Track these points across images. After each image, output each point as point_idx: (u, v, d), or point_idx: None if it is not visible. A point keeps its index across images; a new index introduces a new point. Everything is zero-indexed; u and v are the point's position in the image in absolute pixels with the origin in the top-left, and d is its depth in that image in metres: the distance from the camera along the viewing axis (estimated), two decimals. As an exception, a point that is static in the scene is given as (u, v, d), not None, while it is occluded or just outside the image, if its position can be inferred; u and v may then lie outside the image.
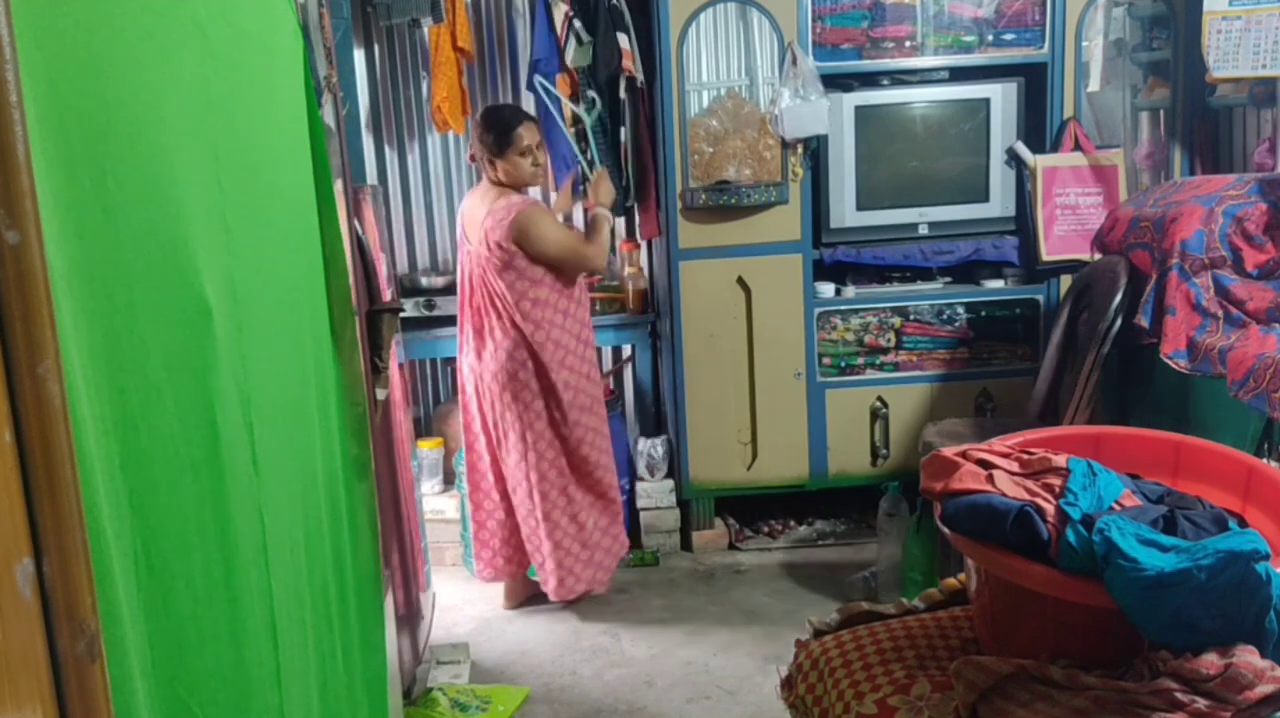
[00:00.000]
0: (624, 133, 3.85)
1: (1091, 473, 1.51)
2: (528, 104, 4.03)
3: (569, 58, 3.77)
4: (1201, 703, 1.29)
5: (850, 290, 3.91)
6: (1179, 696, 1.30)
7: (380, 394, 2.55)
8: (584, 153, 3.85)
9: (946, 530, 1.53)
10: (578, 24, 3.75)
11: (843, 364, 3.92)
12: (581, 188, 3.83)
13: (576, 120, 3.84)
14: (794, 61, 3.66)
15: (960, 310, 3.90)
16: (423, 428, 4.33)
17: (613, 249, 4.34)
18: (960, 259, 3.88)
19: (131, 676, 0.90)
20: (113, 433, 0.93)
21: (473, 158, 3.44)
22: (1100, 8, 3.72)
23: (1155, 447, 1.75)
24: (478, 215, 3.33)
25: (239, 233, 1.33)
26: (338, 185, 2.16)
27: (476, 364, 3.41)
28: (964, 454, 1.59)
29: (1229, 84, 3.48)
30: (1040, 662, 1.43)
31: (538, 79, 3.83)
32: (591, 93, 3.82)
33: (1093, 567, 1.35)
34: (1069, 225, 3.81)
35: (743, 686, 3.04)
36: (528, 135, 3.30)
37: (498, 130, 3.29)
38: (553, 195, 3.99)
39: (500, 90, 4.27)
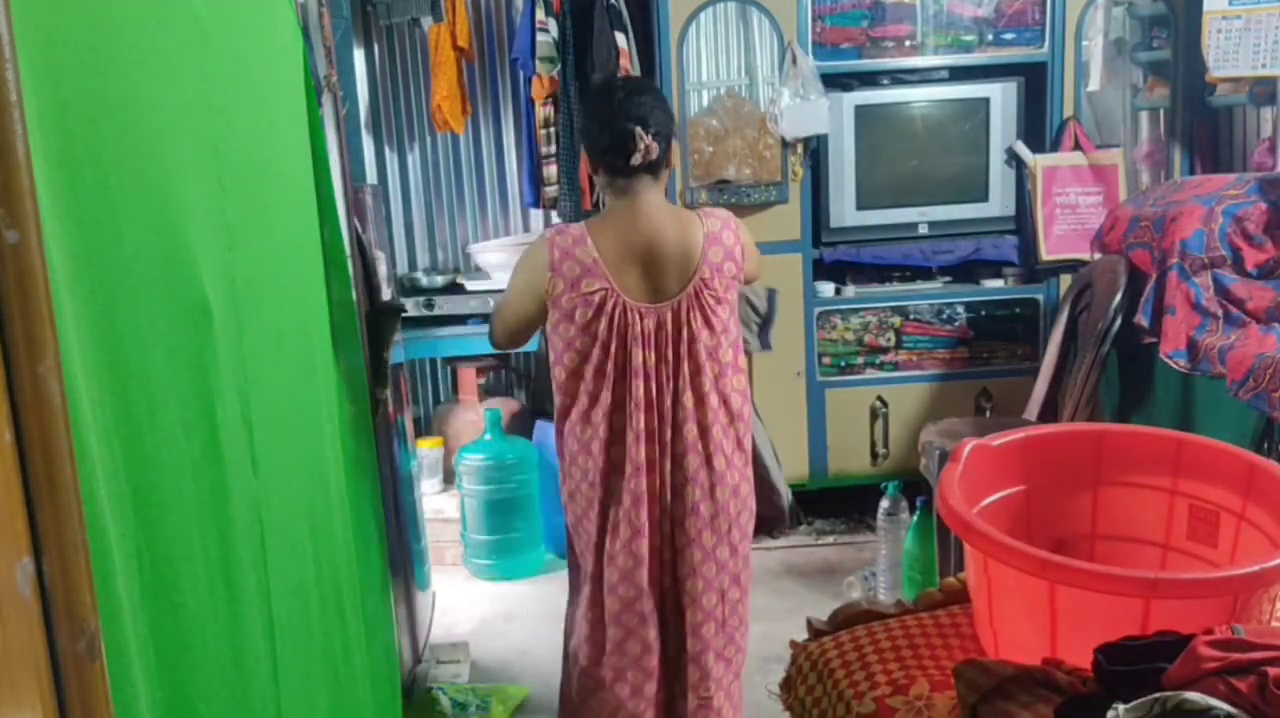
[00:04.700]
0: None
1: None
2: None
3: (536, 63, 3.76)
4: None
5: (850, 290, 3.91)
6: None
7: (380, 394, 2.55)
8: (551, 156, 3.83)
9: None
10: (552, 25, 3.73)
11: (843, 364, 3.92)
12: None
13: (547, 123, 3.83)
14: (794, 61, 3.66)
15: (960, 310, 3.90)
16: (423, 428, 4.33)
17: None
18: (960, 259, 3.88)
19: (132, 674, 0.90)
20: (113, 432, 0.93)
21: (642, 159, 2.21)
22: (1100, 7, 3.72)
23: (1157, 444, 1.75)
24: (689, 235, 2.24)
25: (240, 232, 1.33)
26: (338, 185, 2.16)
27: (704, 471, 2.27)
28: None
29: (1229, 83, 3.48)
30: (1045, 664, 1.42)
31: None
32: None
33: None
34: (1069, 225, 3.81)
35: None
36: None
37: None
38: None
39: (500, 90, 4.27)
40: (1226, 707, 1.20)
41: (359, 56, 4.13)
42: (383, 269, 2.90)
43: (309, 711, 1.53)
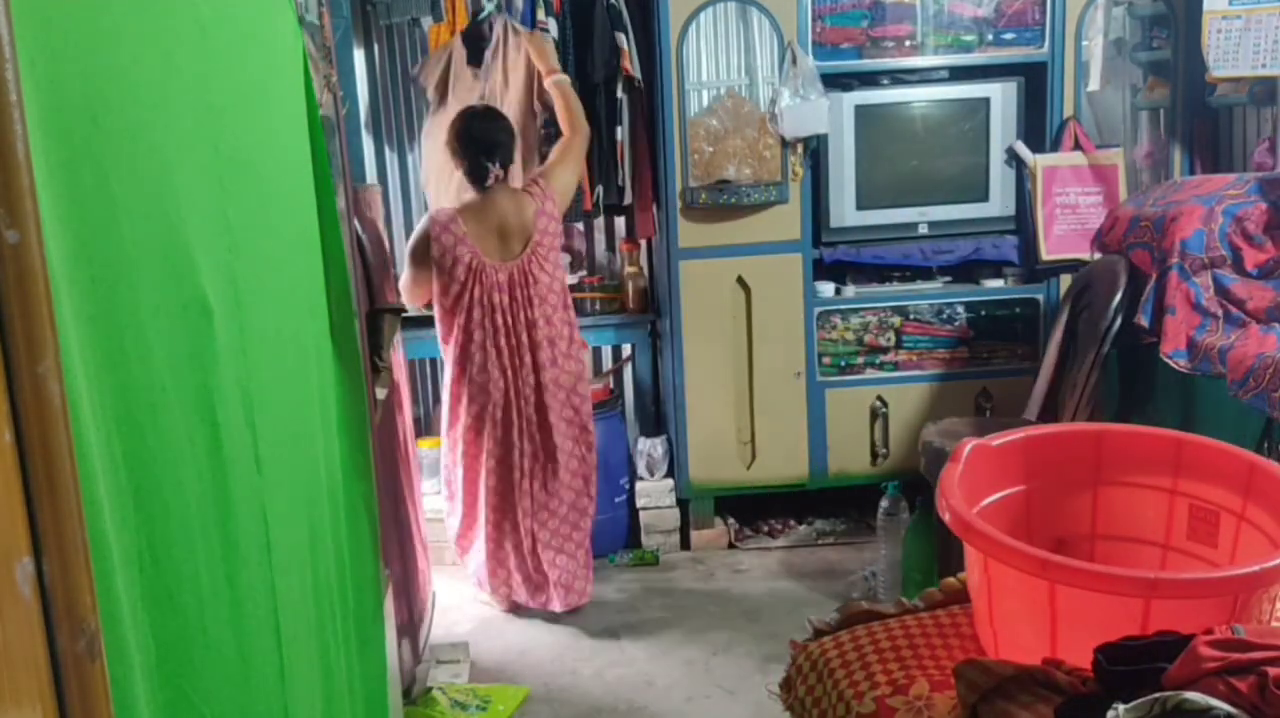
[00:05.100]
0: (620, 133, 3.85)
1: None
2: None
3: None
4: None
5: (850, 290, 3.91)
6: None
7: (380, 394, 2.55)
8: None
9: None
10: (552, 25, 3.74)
11: (843, 363, 3.92)
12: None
13: (547, 123, 3.82)
14: (794, 61, 3.66)
15: (960, 310, 3.90)
16: (423, 428, 4.32)
17: (611, 248, 4.35)
18: (960, 259, 3.88)
19: (132, 674, 0.90)
20: (114, 432, 0.93)
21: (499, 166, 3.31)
22: (1100, 7, 3.72)
23: (1157, 444, 1.75)
24: (522, 238, 3.29)
25: (240, 232, 1.33)
26: (338, 185, 2.16)
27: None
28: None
29: (1229, 83, 3.48)
30: (1045, 664, 1.42)
31: None
32: None
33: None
34: (1069, 225, 3.81)
35: (743, 685, 3.03)
36: None
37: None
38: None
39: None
40: (1226, 707, 1.20)
41: (359, 56, 4.13)
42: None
43: (313, 711, 1.53)
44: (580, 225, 4.19)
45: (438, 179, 3.79)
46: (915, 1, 3.73)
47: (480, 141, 3.23)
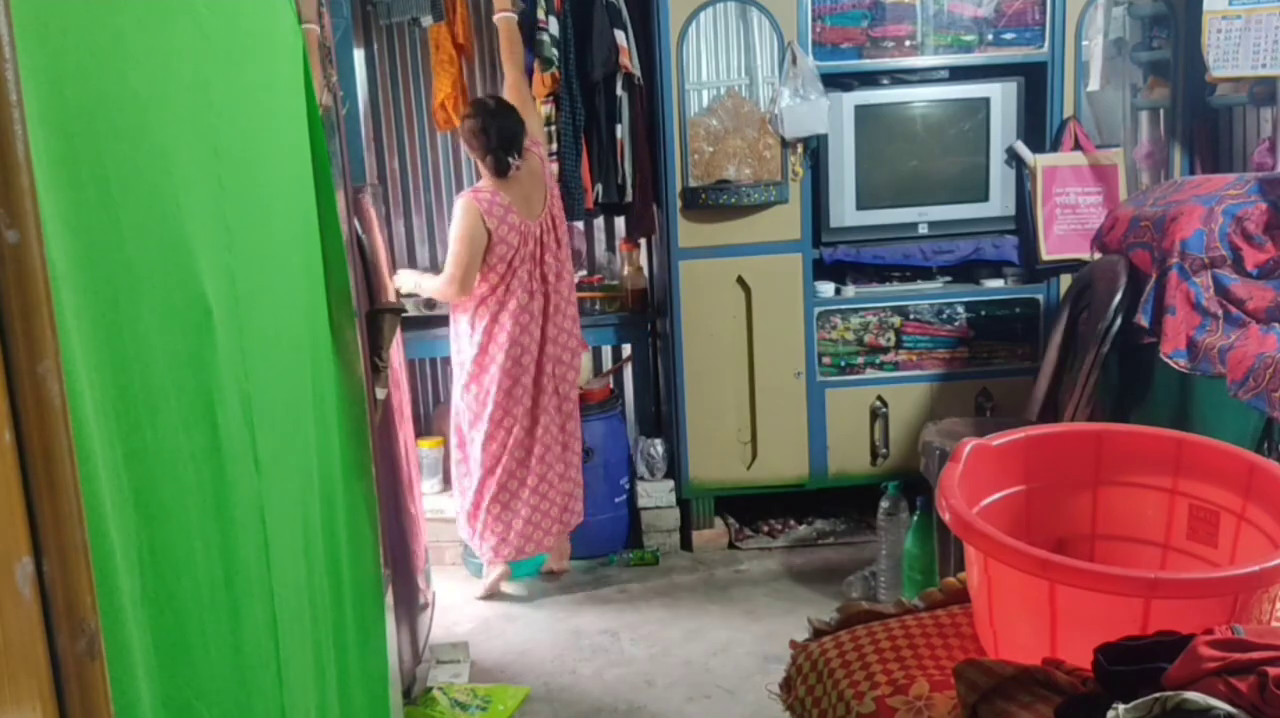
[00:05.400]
0: (620, 131, 3.85)
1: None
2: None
3: (536, 61, 3.76)
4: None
5: (850, 290, 3.91)
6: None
7: (380, 394, 2.55)
8: (553, 154, 3.83)
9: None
10: (552, 24, 3.74)
11: (843, 364, 3.92)
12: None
13: (548, 121, 3.83)
14: (794, 61, 3.66)
15: (960, 310, 3.90)
16: (422, 428, 4.32)
17: (611, 248, 4.35)
18: (960, 259, 3.88)
19: (133, 674, 0.90)
20: (114, 432, 0.93)
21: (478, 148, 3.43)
22: (1100, 7, 3.72)
23: (1157, 444, 1.75)
24: (540, 191, 3.50)
25: (240, 232, 1.33)
26: (338, 185, 2.16)
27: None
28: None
29: (1229, 83, 3.48)
30: (1045, 664, 1.42)
31: None
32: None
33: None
34: (1069, 225, 3.81)
35: (743, 685, 3.04)
36: None
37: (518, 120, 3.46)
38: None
39: (501, 90, 4.26)
40: (1226, 707, 1.20)
41: (359, 56, 4.12)
42: (387, 269, 2.90)
43: (309, 710, 1.53)
44: (580, 225, 4.19)
45: None
46: (915, 1, 3.73)
47: (502, 138, 3.37)
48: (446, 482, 4.05)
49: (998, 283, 3.94)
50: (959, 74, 3.81)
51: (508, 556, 3.59)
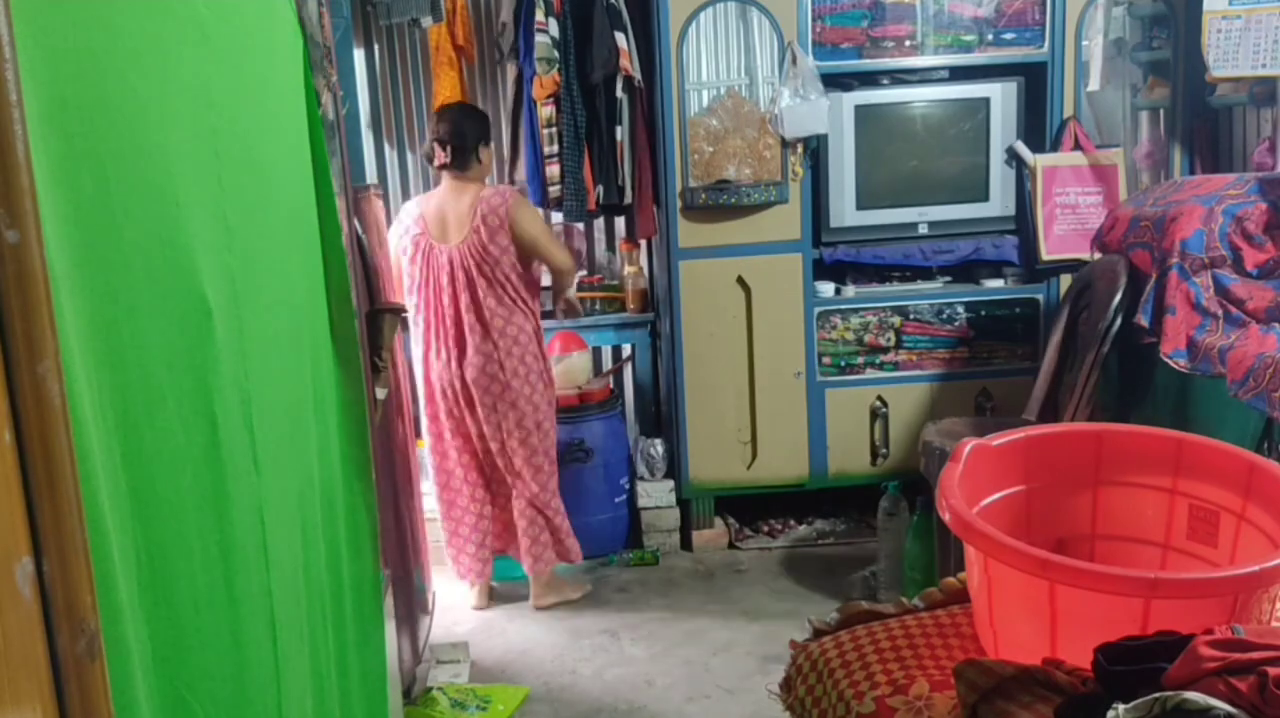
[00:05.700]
0: (620, 132, 3.85)
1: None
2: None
3: (536, 63, 3.76)
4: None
5: (850, 290, 3.91)
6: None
7: (380, 394, 2.55)
8: (554, 155, 3.83)
9: None
10: (552, 25, 3.73)
11: (843, 363, 3.92)
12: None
13: (549, 123, 3.83)
14: (794, 61, 3.66)
15: (960, 310, 3.90)
16: (422, 428, 4.31)
17: (611, 248, 4.35)
18: (960, 259, 3.88)
19: (132, 674, 0.90)
20: (113, 432, 0.93)
21: (432, 156, 3.44)
22: (1100, 7, 3.72)
23: (1157, 444, 1.75)
24: (460, 209, 3.39)
25: (240, 232, 1.33)
26: (338, 185, 2.16)
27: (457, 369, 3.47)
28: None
29: (1229, 83, 3.48)
30: (1045, 664, 1.42)
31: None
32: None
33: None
34: (1069, 225, 3.81)
35: (742, 685, 3.03)
36: None
37: (481, 120, 3.47)
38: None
39: (501, 89, 4.26)
40: (1226, 707, 1.20)
41: (359, 56, 4.12)
42: (389, 269, 2.89)
43: (306, 711, 1.53)
44: (580, 225, 4.19)
45: None
46: (915, 1, 3.73)
47: (441, 128, 3.40)
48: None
49: (998, 283, 3.94)
50: (959, 74, 3.81)
51: (462, 574, 3.62)
